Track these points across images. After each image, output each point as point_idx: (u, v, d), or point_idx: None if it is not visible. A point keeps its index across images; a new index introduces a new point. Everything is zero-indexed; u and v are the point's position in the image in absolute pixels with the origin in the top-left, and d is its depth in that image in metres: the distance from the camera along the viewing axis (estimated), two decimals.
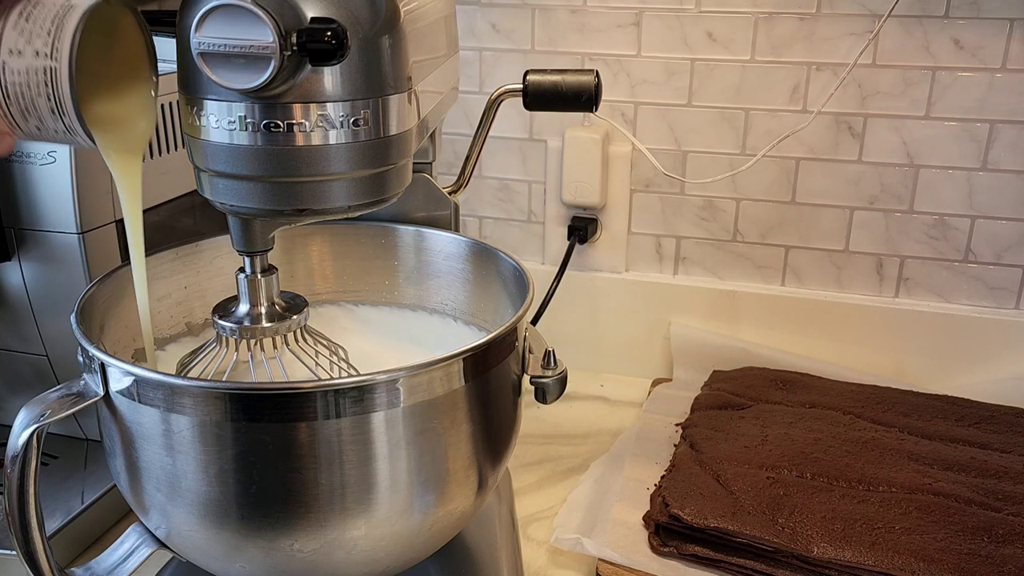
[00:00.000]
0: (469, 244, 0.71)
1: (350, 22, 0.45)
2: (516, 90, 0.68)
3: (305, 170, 0.48)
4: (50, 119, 0.47)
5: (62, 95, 0.45)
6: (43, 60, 0.45)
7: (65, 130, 0.47)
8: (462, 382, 0.52)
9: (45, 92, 0.46)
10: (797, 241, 0.99)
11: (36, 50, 0.45)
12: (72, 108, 0.46)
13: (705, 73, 0.96)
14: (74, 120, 0.46)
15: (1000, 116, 0.89)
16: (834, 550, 0.66)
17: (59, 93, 0.45)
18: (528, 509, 0.79)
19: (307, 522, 0.49)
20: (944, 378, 0.95)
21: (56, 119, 0.47)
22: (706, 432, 0.82)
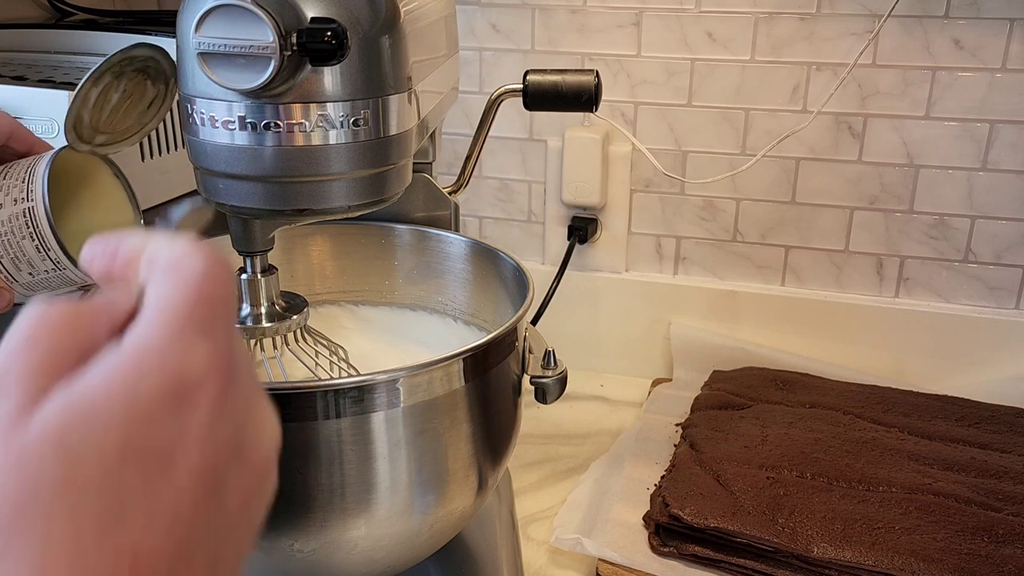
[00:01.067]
0: (469, 244, 0.71)
1: (350, 22, 0.45)
2: (516, 90, 0.68)
3: (305, 170, 0.48)
4: (38, 259, 0.49)
5: (42, 230, 0.48)
6: (21, 204, 0.48)
7: (54, 266, 0.49)
8: (462, 382, 0.52)
9: (27, 232, 0.48)
10: (797, 241, 0.99)
11: (14, 198, 0.48)
12: (53, 238, 0.48)
13: (705, 73, 0.96)
14: (58, 251, 0.48)
15: (1000, 116, 0.89)
16: (834, 550, 0.66)
17: (39, 229, 0.48)
18: (528, 509, 0.79)
19: (307, 522, 0.49)
20: (944, 378, 0.95)
21: (43, 256, 0.49)
22: (706, 432, 0.82)
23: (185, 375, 0.24)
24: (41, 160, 0.50)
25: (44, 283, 0.51)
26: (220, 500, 0.25)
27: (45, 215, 0.48)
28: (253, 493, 0.27)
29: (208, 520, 0.24)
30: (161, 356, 0.24)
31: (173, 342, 0.25)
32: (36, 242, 0.48)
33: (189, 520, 0.24)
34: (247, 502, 0.26)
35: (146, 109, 0.55)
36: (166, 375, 0.24)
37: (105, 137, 0.53)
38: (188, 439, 0.24)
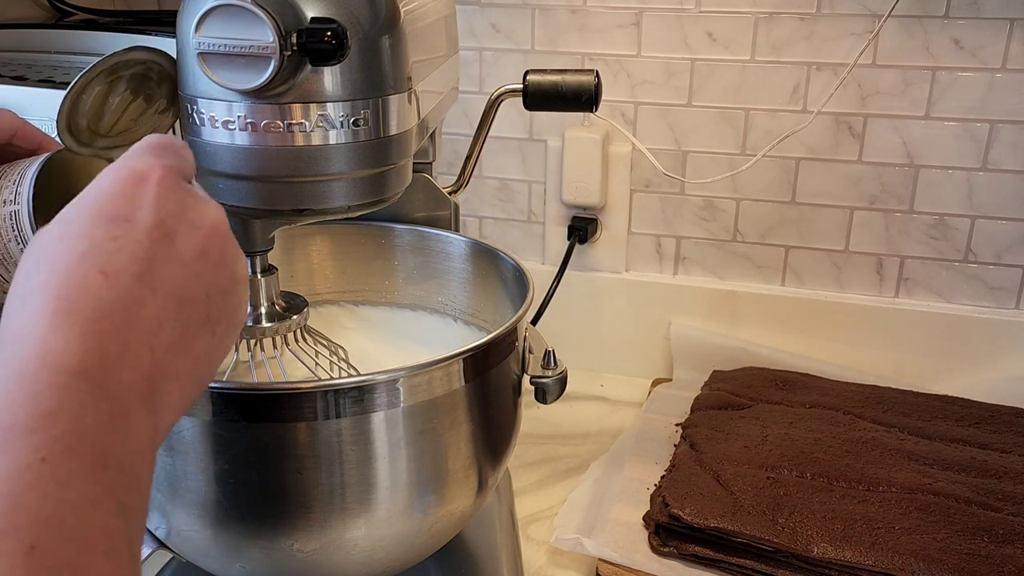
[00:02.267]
0: (469, 244, 0.71)
1: (350, 22, 0.45)
2: (516, 90, 0.68)
3: (305, 170, 0.48)
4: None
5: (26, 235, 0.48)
6: (9, 206, 0.48)
7: None
8: (462, 382, 0.52)
9: (13, 235, 0.48)
10: (797, 241, 0.99)
11: (4, 200, 0.48)
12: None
13: (705, 73, 0.96)
14: None
15: (1000, 116, 0.89)
16: (834, 550, 0.66)
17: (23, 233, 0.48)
18: (528, 509, 0.79)
19: (307, 522, 0.49)
20: (944, 378, 0.95)
21: None
22: (706, 432, 0.82)
23: (137, 167, 0.36)
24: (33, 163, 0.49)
25: None
26: (172, 247, 0.35)
27: (28, 220, 0.48)
28: (207, 248, 0.36)
29: (165, 259, 0.34)
30: (121, 162, 0.37)
31: (134, 155, 0.37)
32: (21, 245, 0.48)
33: (145, 256, 0.34)
34: (202, 254, 0.36)
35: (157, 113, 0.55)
36: (124, 169, 0.36)
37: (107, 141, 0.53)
38: (143, 206, 0.35)
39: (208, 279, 0.36)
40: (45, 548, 0.26)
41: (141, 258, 0.34)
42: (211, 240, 0.37)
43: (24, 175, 0.49)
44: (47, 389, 0.29)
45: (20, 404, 0.29)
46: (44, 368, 0.30)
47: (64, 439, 0.28)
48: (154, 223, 0.35)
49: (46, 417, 0.28)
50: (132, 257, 0.33)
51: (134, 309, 0.33)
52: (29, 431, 0.28)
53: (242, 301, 0.39)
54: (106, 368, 0.31)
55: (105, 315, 0.32)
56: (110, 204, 0.35)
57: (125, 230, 0.34)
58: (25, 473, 0.27)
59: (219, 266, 0.37)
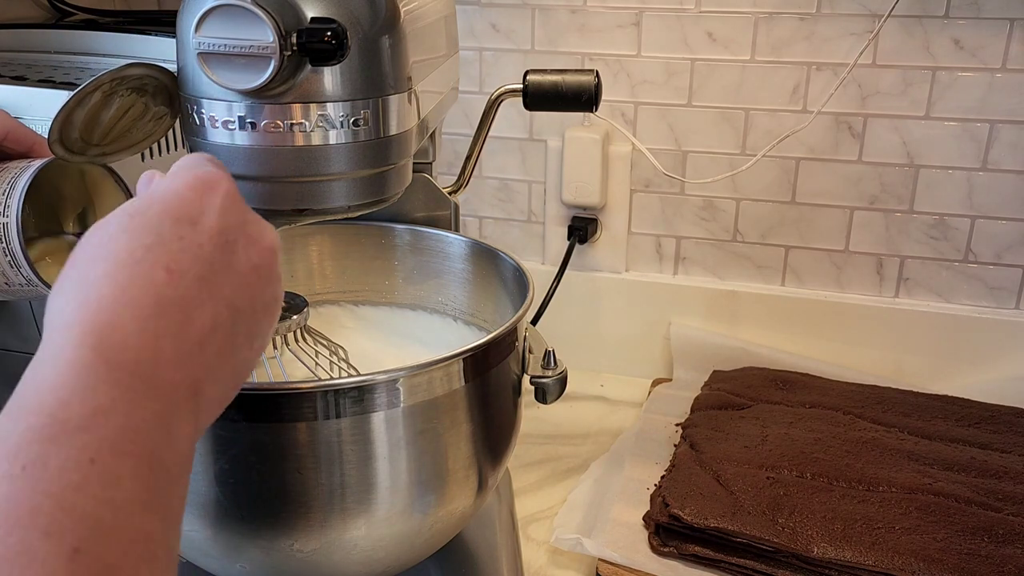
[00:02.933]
0: (469, 244, 0.71)
1: (350, 22, 0.45)
2: (516, 90, 0.68)
3: (305, 170, 0.48)
4: (11, 272, 0.49)
5: (13, 248, 0.48)
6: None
7: (25, 282, 0.49)
8: (462, 382, 0.52)
9: (1, 247, 0.48)
10: (797, 241, 0.99)
11: None
12: (23, 260, 0.48)
13: (705, 73, 0.96)
14: (28, 271, 0.48)
15: (1000, 116, 0.89)
16: (834, 550, 0.66)
17: (11, 247, 0.48)
18: (528, 509, 0.79)
19: (307, 522, 0.49)
20: (944, 378, 0.95)
21: (15, 272, 0.49)
22: (706, 432, 0.82)
23: (207, 175, 0.37)
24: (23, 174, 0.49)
25: (19, 293, 0.50)
26: (232, 256, 0.36)
27: (16, 236, 0.47)
28: (259, 265, 0.37)
29: (224, 267, 0.35)
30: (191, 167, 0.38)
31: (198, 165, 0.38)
32: (8, 258, 0.48)
33: (208, 260, 0.34)
34: (256, 268, 0.37)
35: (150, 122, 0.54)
36: (194, 174, 0.37)
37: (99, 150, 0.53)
38: (208, 212, 0.36)
39: (257, 293, 0.37)
40: (89, 551, 0.26)
41: (204, 261, 0.34)
42: (265, 256, 0.38)
43: (14, 187, 0.48)
44: (102, 383, 0.29)
45: (74, 397, 0.28)
46: (100, 359, 0.30)
47: (114, 439, 0.28)
48: (218, 230, 0.35)
49: (99, 415, 0.28)
50: (195, 259, 0.34)
51: (192, 311, 0.33)
52: (80, 429, 0.28)
53: (275, 320, 0.40)
54: (159, 366, 0.31)
55: (165, 312, 0.32)
56: (178, 205, 0.35)
57: (191, 232, 0.34)
58: (73, 474, 0.27)
59: (268, 283, 0.38)
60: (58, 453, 0.27)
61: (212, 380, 0.34)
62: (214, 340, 0.34)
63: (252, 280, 0.37)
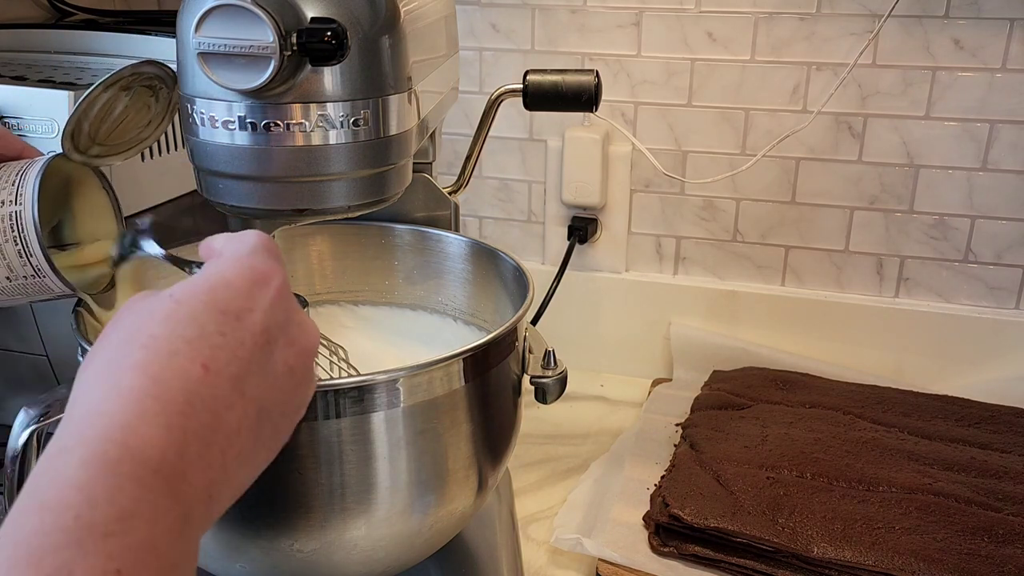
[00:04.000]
0: (469, 244, 0.71)
1: (350, 22, 0.45)
2: (516, 90, 0.68)
3: (305, 170, 0.48)
4: (18, 264, 0.49)
5: (27, 236, 0.48)
6: (8, 207, 0.48)
7: (34, 273, 0.49)
8: (462, 382, 0.52)
9: (12, 236, 0.48)
10: (797, 241, 0.99)
11: (1, 200, 0.48)
12: (37, 245, 0.48)
13: (705, 73, 0.96)
14: (40, 258, 0.48)
15: (1000, 116, 0.89)
16: (834, 550, 0.66)
17: (25, 234, 0.48)
18: (528, 509, 0.79)
19: (307, 522, 0.49)
20: (944, 378, 0.95)
21: (24, 262, 0.49)
22: (706, 432, 0.82)
23: (260, 268, 0.36)
24: (34, 165, 0.49)
25: (20, 289, 0.50)
26: (269, 358, 0.35)
27: (32, 222, 0.48)
28: (295, 367, 0.36)
29: (259, 367, 0.34)
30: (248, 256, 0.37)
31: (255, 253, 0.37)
32: (19, 247, 0.48)
33: (246, 360, 0.33)
34: (290, 371, 0.36)
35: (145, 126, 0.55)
36: (250, 264, 0.36)
37: (100, 149, 0.53)
38: (255, 310, 0.35)
39: (287, 397, 0.36)
40: None
41: (241, 360, 0.33)
42: (301, 360, 0.37)
43: (25, 177, 0.49)
44: (127, 483, 0.28)
45: (100, 497, 0.27)
46: (127, 456, 0.28)
47: (139, 549, 0.27)
48: (261, 329, 0.35)
49: (125, 519, 0.27)
50: (233, 357, 0.33)
51: (221, 412, 0.32)
52: (107, 535, 0.26)
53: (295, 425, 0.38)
54: (182, 469, 0.30)
55: (196, 411, 0.31)
56: (227, 298, 0.34)
57: (234, 328, 0.34)
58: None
59: (300, 387, 0.37)
60: (84, 561, 0.26)
61: (228, 484, 0.33)
62: (237, 443, 0.33)
63: (285, 383, 0.36)
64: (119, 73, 0.49)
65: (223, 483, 0.32)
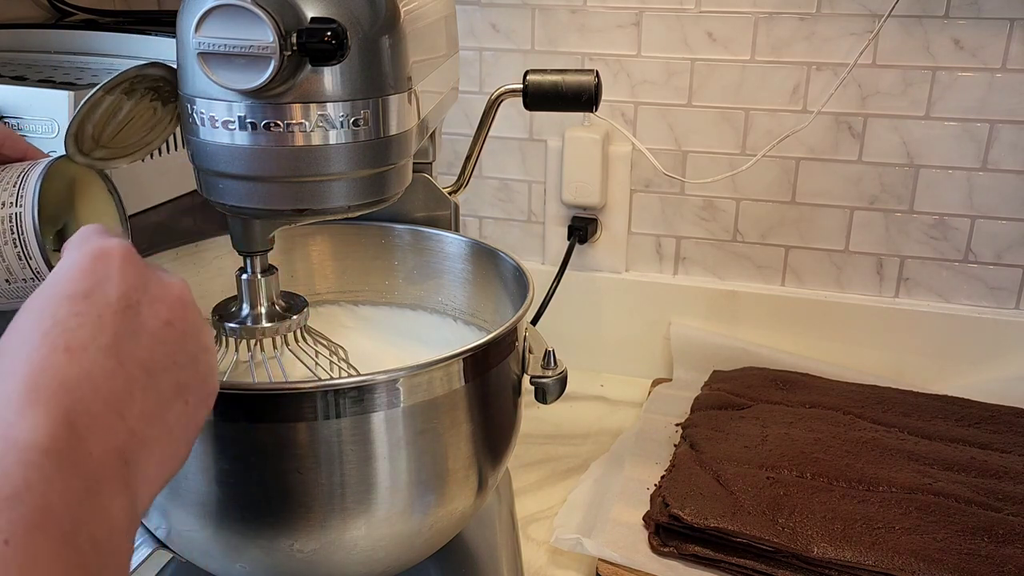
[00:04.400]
0: (469, 244, 0.71)
1: (350, 22, 0.45)
2: (516, 90, 0.68)
3: (305, 170, 0.48)
4: (17, 266, 0.49)
5: (27, 238, 0.48)
6: (8, 209, 0.48)
7: (33, 276, 0.49)
8: (462, 382, 0.52)
9: (11, 238, 0.48)
10: (797, 241, 0.99)
11: (2, 202, 0.48)
12: (36, 248, 0.48)
13: (705, 73, 0.96)
14: (40, 261, 0.48)
15: (1000, 116, 0.89)
16: (834, 550, 0.66)
17: (24, 236, 0.48)
18: (528, 509, 0.79)
19: (307, 522, 0.49)
20: (944, 378, 0.95)
21: (24, 265, 0.49)
22: (706, 432, 0.82)
23: (98, 246, 0.37)
24: (36, 167, 0.49)
25: (19, 291, 0.50)
26: (136, 319, 0.36)
27: (32, 224, 0.48)
28: (172, 320, 0.37)
29: (129, 331, 0.35)
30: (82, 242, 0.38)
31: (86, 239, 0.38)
32: (18, 249, 0.48)
33: (110, 328, 0.34)
34: (168, 324, 0.37)
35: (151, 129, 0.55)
36: (86, 248, 0.37)
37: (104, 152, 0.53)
38: (104, 282, 0.36)
39: (175, 347, 0.37)
40: None
41: (104, 331, 0.34)
42: (175, 310, 0.37)
43: (27, 179, 0.49)
44: (13, 468, 0.29)
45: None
46: (11, 448, 0.29)
47: (29, 517, 0.28)
48: (118, 296, 0.35)
49: (11, 499, 0.28)
50: (96, 330, 0.34)
51: (101, 381, 0.33)
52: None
53: (212, 369, 0.39)
54: (75, 442, 0.31)
55: (70, 390, 0.32)
56: (71, 282, 0.35)
57: (86, 306, 0.34)
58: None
59: (185, 335, 0.38)
60: None
61: (142, 445, 0.33)
62: (134, 405, 0.33)
63: (166, 336, 0.36)
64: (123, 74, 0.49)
65: (137, 446, 0.33)
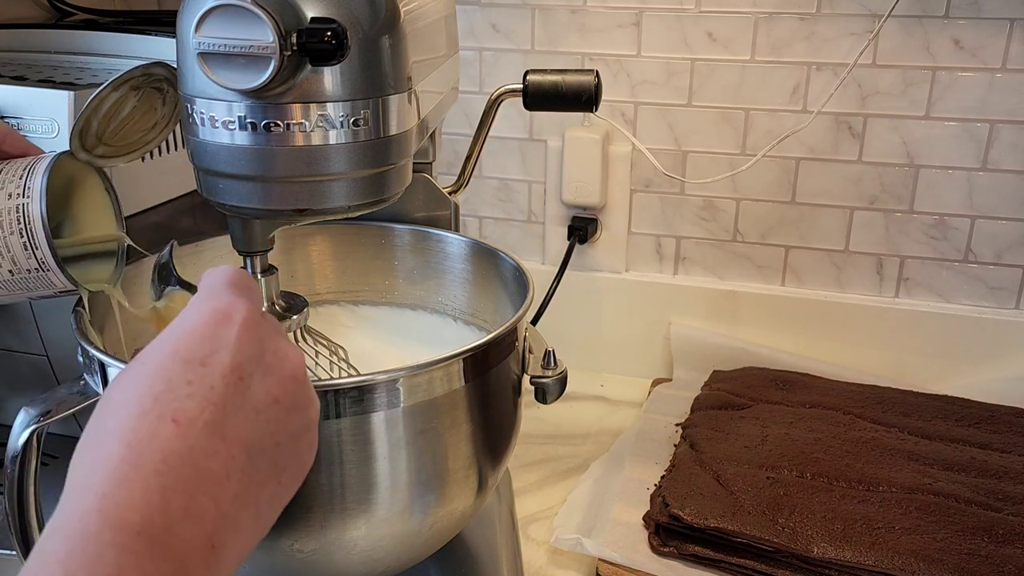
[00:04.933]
0: (469, 244, 0.71)
1: (350, 22, 0.45)
2: (516, 90, 0.68)
3: (305, 170, 0.48)
4: (23, 257, 0.49)
5: (34, 228, 0.48)
6: (15, 200, 0.48)
7: (38, 266, 0.50)
8: (462, 382, 0.52)
9: (18, 229, 0.49)
10: (797, 241, 0.99)
11: (9, 193, 0.49)
12: (43, 238, 0.49)
13: (705, 73, 0.96)
14: (46, 251, 0.49)
15: (1000, 116, 0.89)
16: (834, 550, 0.66)
17: (31, 226, 0.49)
18: (528, 509, 0.79)
19: (307, 522, 0.49)
20: (944, 378, 0.95)
21: (29, 255, 0.49)
22: (706, 432, 0.82)
23: (221, 307, 0.36)
24: (42, 160, 0.50)
25: (22, 283, 0.50)
26: (246, 394, 0.34)
27: (40, 215, 0.48)
28: (280, 396, 0.36)
29: (237, 407, 0.34)
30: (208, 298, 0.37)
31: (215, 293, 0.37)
32: (25, 239, 0.48)
33: (219, 403, 0.33)
34: (276, 401, 0.35)
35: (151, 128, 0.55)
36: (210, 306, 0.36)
37: (105, 149, 0.53)
38: (219, 350, 0.34)
39: (280, 427, 0.35)
40: None
41: (214, 405, 0.33)
42: (286, 386, 0.36)
43: (34, 171, 0.49)
44: (107, 550, 0.28)
45: (80, 569, 0.27)
46: (106, 525, 0.28)
47: None
48: (231, 367, 0.34)
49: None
50: (205, 403, 0.33)
51: (202, 461, 0.32)
52: None
53: (311, 446, 0.38)
54: (169, 525, 0.30)
55: (172, 467, 0.31)
56: (189, 345, 0.34)
57: (200, 374, 0.33)
58: None
59: (291, 412, 0.36)
60: None
61: (231, 529, 0.32)
62: (229, 488, 0.32)
63: (272, 415, 0.35)
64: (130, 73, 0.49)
65: (225, 530, 0.32)
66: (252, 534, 0.34)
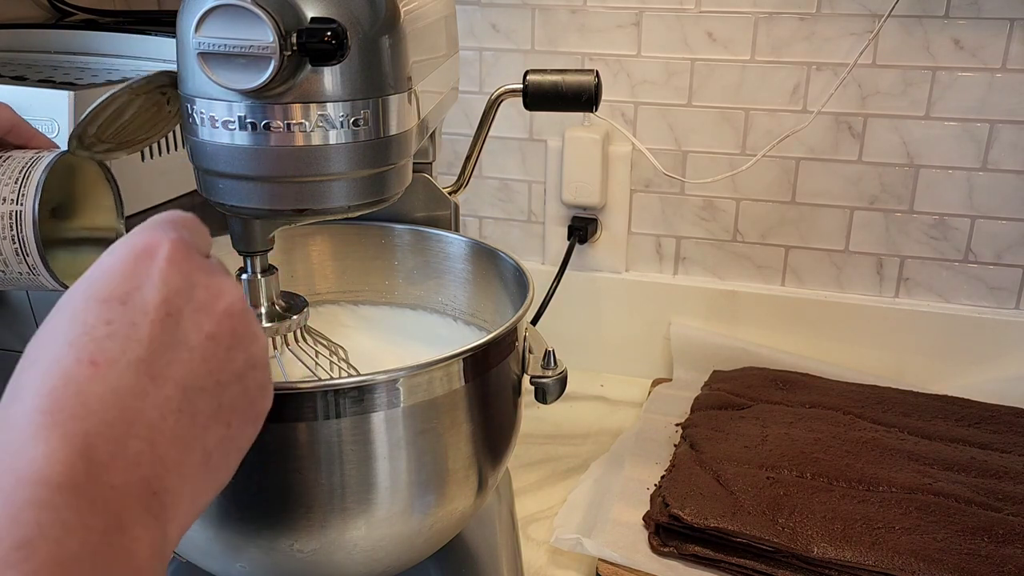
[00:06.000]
0: (469, 244, 0.71)
1: (350, 22, 0.45)
2: (516, 90, 0.68)
3: (305, 170, 0.48)
4: (14, 261, 0.49)
5: (26, 236, 0.48)
6: (9, 205, 0.48)
7: (29, 271, 0.50)
8: (462, 382, 0.52)
9: (10, 235, 0.49)
10: (797, 241, 0.99)
11: (3, 197, 0.49)
12: (35, 247, 0.49)
13: (705, 73, 0.96)
14: (37, 260, 0.49)
15: (1000, 116, 0.89)
16: (834, 550, 0.66)
17: (23, 234, 0.48)
18: (528, 509, 0.79)
19: (307, 522, 0.49)
20: (944, 378, 0.95)
21: (20, 260, 0.49)
22: (706, 432, 0.82)
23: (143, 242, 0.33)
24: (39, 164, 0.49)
25: (14, 282, 0.51)
26: (176, 330, 0.32)
27: (32, 223, 0.48)
28: (217, 333, 0.33)
29: (166, 344, 0.31)
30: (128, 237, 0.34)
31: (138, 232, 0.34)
32: (17, 245, 0.48)
33: (144, 340, 0.31)
34: (212, 337, 0.33)
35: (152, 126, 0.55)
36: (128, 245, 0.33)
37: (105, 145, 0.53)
38: (141, 286, 0.32)
39: (219, 365, 0.33)
40: None
41: (139, 343, 0.30)
42: (222, 322, 0.33)
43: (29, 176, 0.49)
44: (25, 509, 0.25)
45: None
46: (22, 483, 0.26)
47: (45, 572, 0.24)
48: (156, 303, 0.32)
49: (24, 547, 0.24)
50: (128, 342, 0.30)
51: (129, 402, 0.29)
52: (8, 565, 0.24)
53: (261, 388, 0.35)
54: (95, 474, 0.27)
55: (93, 412, 0.28)
56: (106, 284, 0.31)
57: (120, 312, 0.31)
58: None
59: (232, 350, 0.34)
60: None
61: (174, 473, 0.30)
62: (165, 429, 0.30)
63: (209, 352, 0.32)
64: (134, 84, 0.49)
65: (167, 475, 0.29)
66: (203, 480, 0.32)
